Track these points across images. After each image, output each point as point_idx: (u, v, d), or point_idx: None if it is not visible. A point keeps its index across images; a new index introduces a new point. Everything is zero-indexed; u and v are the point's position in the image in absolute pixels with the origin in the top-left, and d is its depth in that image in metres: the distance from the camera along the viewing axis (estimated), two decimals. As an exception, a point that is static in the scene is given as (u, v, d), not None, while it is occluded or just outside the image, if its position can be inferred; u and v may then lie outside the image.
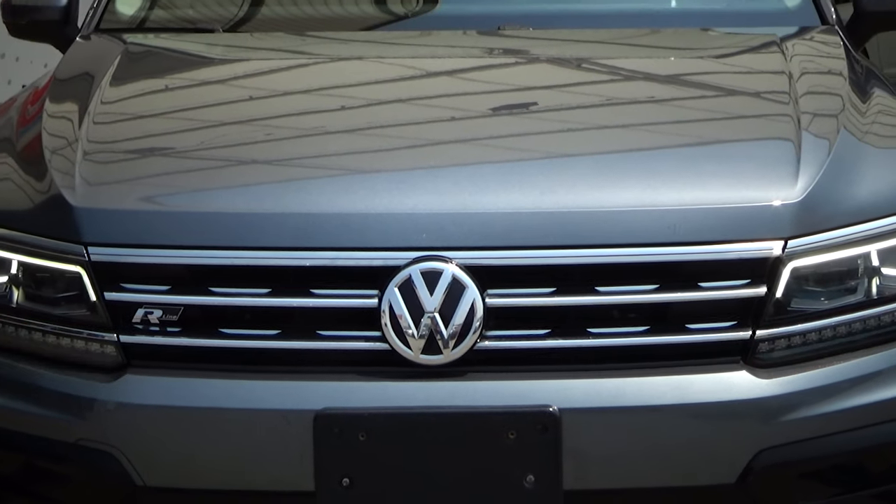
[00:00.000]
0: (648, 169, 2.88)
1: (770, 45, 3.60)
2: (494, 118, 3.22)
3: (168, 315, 2.63)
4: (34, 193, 2.83)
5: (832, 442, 2.63)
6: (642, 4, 4.00)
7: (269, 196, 2.78)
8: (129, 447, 2.59)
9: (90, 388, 2.64)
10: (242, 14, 4.03)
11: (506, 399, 2.55)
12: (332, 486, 2.54)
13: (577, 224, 2.63)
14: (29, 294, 2.73)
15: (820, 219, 2.69)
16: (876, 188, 2.81)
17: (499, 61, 3.70)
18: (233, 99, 3.48)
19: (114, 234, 2.68)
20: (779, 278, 2.63)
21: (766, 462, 2.58)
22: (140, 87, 3.46)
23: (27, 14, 3.95)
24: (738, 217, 2.66)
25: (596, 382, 2.57)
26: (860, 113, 3.07)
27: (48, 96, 3.27)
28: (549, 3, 4.00)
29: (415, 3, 4.05)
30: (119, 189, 2.84)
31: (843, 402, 2.64)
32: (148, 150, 3.10)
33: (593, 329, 2.60)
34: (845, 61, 3.40)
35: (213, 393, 2.59)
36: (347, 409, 2.55)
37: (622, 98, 3.42)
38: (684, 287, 2.61)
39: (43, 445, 2.67)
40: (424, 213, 2.65)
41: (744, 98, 3.36)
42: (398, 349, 2.57)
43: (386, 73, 3.63)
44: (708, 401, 2.58)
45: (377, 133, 3.11)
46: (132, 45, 3.74)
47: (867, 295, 2.70)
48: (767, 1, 3.98)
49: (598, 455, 2.55)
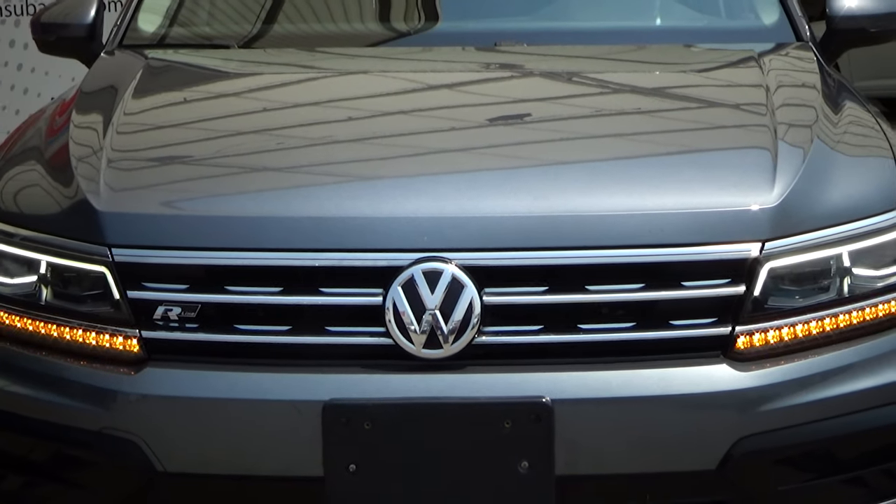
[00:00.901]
0: (635, 175, 2.89)
1: (748, 60, 3.60)
2: (491, 128, 3.21)
3: (186, 312, 2.63)
4: (61, 198, 2.83)
5: (805, 431, 2.63)
6: (629, 22, 4.00)
7: (280, 201, 2.79)
8: (150, 435, 2.59)
9: (114, 381, 2.64)
10: (256, 31, 4.03)
11: (502, 390, 2.55)
12: (340, 471, 2.54)
13: (568, 227, 2.63)
14: (56, 292, 2.73)
15: (795, 222, 2.69)
16: (847, 194, 2.81)
17: (495, 75, 3.70)
18: (247, 110, 3.47)
19: (136, 236, 2.68)
20: (756, 278, 2.63)
21: (744, 449, 2.57)
22: (160, 99, 3.46)
23: (55, 31, 3.95)
24: (718, 220, 2.66)
25: (586, 375, 2.57)
26: (832, 123, 3.07)
27: (75, 108, 3.27)
28: (542, 21, 4.00)
29: (417, 21, 4.04)
30: (141, 194, 2.85)
31: (815, 394, 2.64)
32: (168, 158, 3.11)
33: (583, 325, 2.60)
34: (818, 75, 3.40)
35: (229, 385, 2.59)
36: (354, 399, 2.55)
37: (610, 109, 3.42)
38: (668, 286, 2.61)
39: (70, 434, 2.67)
40: (426, 216, 2.65)
41: (724, 109, 3.35)
42: (401, 344, 2.57)
43: (390, 86, 3.63)
44: (690, 392, 2.58)
45: (381, 142, 3.11)
46: (153, 60, 3.74)
47: (839, 294, 2.70)
48: (746, 19, 3.98)
49: (587, 443, 2.55)
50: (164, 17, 4.04)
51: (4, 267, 2.80)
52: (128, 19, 3.98)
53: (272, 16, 4.09)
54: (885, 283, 2.74)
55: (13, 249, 2.80)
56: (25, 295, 2.76)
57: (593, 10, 4.08)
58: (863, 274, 2.72)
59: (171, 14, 4.06)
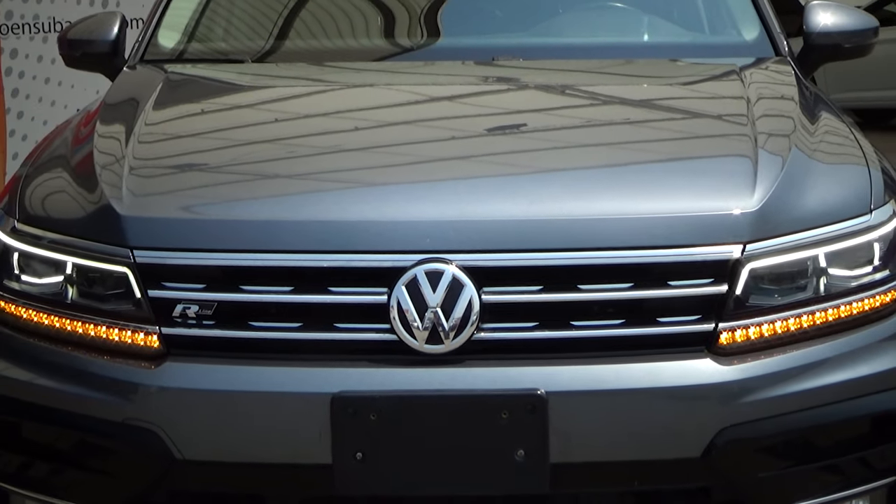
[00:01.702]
0: (624, 181, 2.89)
1: (730, 73, 3.60)
2: (489, 137, 3.21)
3: (203, 310, 2.63)
4: (86, 204, 2.83)
5: (784, 421, 2.63)
6: (618, 38, 4.00)
7: (291, 206, 2.79)
8: (170, 425, 2.59)
9: (135, 374, 2.64)
10: (269, 47, 4.03)
11: (499, 383, 2.55)
12: (347, 459, 2.54)
13: (562, 230, 2.63)
14: (82, 291, 2.73)
15: (774, 225, 2.69)
16: (823, 199, 2.81)
17: (493, 88, 3.70)
18: (260, 121, 3.48)
19: (156, 239, 2.69)
20: (738, 277, 2.63)
21: (727, 438, 2.57)
22: (179, 110, 3.46)
23: (81, 47, 3.95)
24: (702, 224, 2.66)
25: (578, 369, 2.57)
26: (809, 133, 3.07)
27: (99, 119, 3.27)
28: (536, 38, 4.00)
29: (420, 37, 4.05)
30: (161, 200, 2.85)
31: (793, 387, 2.63)
32: (186, 165, 3.11)
33: (576, 322, 2.59)
34: (796, 88, 3.40)
35: (243, 378, 2.59)
36: (360, 392, 2.55)
37: (601, 120, 3.42)
38: (655, 285, 2.61)
39: (94, 424, 2.66)
40: (428, 220, 2.66)
41: (707, 120, 3.36)
42: (405, 339, 2.56)
43: (394, 98, 3.63)
44: (676, 385, 2.58)
45: (386, 150, 3.11)
46: (172, 74, 3.74)
47: (815, 292, 2.70)
48: (728, 35, 3.98)
49: (580, 432, 2.55)
50: (183, 34, 4.05)
51: (33, 268, 2.80)
52: (149, 36, 3.98)
53: (284, 32, 4.10)
54: (858, 282, 2.74)
55: (41, 251, 2.80)
56: (52, 294, 2.76)
57: (585, 27, 4.09)
58: (838, 274, 2.72)
59: (190, 31, 4.07)
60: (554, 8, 4.13)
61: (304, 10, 4.19)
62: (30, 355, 2.77)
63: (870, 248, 2.77)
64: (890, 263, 2.79)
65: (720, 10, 4.06)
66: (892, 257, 2.80)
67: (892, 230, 2.82)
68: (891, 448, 2.75)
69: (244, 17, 4.19)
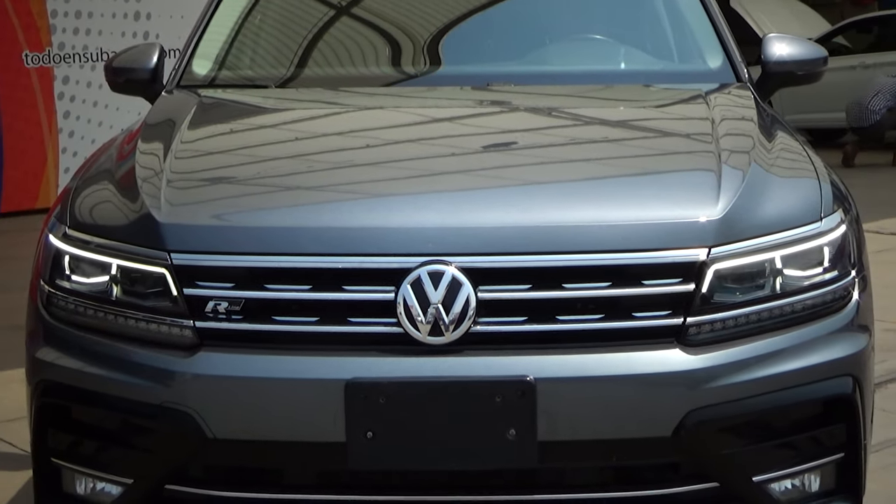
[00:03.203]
0: (603, 192, 2.89)
1: (697, 97, 3.60)
2: (484, 153, 3.21)
3: (232, 306, 2.62)
4: (129, 212, 2.82)
5: (745, 404, 2.62)
6: (598, 66, 3.99)
7: (310, 214, 2.79)
8: (203, 408, 2.59)
9: (172, 363, 2.63)
10: (290, 74, 4.03)
11: (493, 371, 2.55)
12: (359, 437, 2.54)
13: (548, 235, 2.63)
14: (125, 290, 2.73)
15: (736, 231, 2.68)
16: (779, 208, 2.80)
17: (487, 110, 3.69)
18: (282, 139, 3.47)
19: (191, 243, 2.68)
20: (704, 277, 2.62)
21: (694, 420, 2.57)
22: (211, 130, 3.46)
23: (124, 74, 3.95)
24: (672, 230, 2.66)
25: (563, 358, 2.57)
26: (767, 150, 3.06)
27: (140, 137, 3.26)
28: (526, 66, 3.99)
29: (423, 66, 4.04)
30: (195, 209, 2.85)
31: (753, 374, 2.63)
32: (217, 178, 3.11)
33: (561, 317, 2.59)
34: (755, 110, 3.39)
35: (268, 366, 2.59)
36: (371, 378, 2.54)
37: (583, 138, 3.41)
38: (631, 284, 2.60)
39: (136, 407, 2.66)
40: (430, 227, 2.65)
41: (676, 138, 3.35)
42: (410, 332, 2.56)
43: (400, 119, 3.63)
44: (649, 372, 2.57)
45: (393, 165, 3.11)
46: (205, 97, 3.74)
47: (772, 290, 2.69)
48: (695, 63, 3.97)
49: (564, 414, 2.54)
50: (214, 63, 4.04)
51: (82, 269, 2.80)
52: (184, 64, 3.98)
53: (303, 61, 4.10)
54: (810, 282, 2.74)
55: (89, 254, 2.79)
56: (99, 292, 2.76)
57: (569, 57, 4.08)
58: (792, 274, 2.72)
59: (220, 60, 4.06)
60: (541, 39, 4.12)
61: (322, 41, 4.18)
62: (79, 346, 2.76)
63: (820, 251, 2.77)
64: (838, 265, 2.78)
65: (688, 41, 4.05)
66: (840, 259, 2.79)
67: (840, 236, 2.81)
68: (839, 428, 2.75)
69: (268, 48, 4.19)
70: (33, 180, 10.15)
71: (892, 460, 4.06)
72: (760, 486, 2.68)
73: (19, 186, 10.04)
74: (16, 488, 3.94)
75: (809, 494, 2.75)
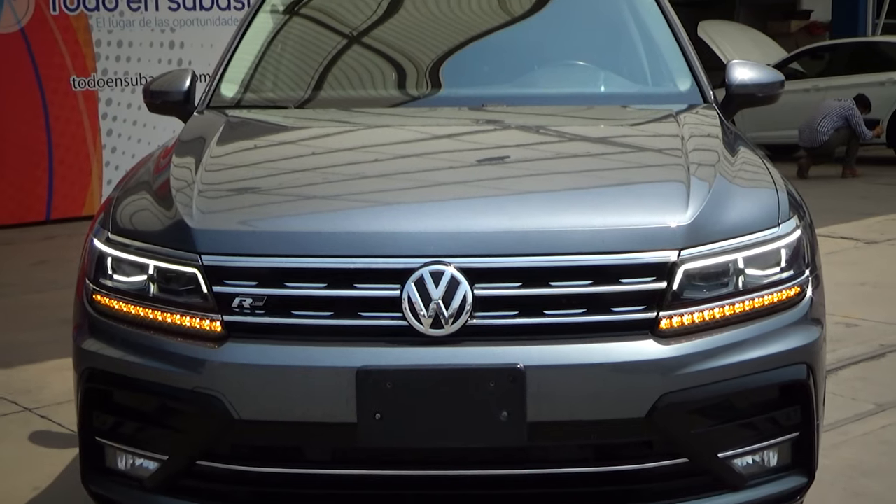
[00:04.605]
0: (585, 201, 2.88)
1: (668, 116, 3.59)
2: (479, 166, 3.21)
3: (256, 302, 2.62)
4: (164, 219, 2.82)
5: (711, 389, 2.62)
6: (581, 89, 3.99)
7: (325, 220, 2.78)
8: (230, 392, 2.59)
9: (203, 352, 2.63)
10: (307, 96, 4.02)
11: (487, 359, 2.55)
12: (369, 418, 2.53)
13: (537, 239, 2.63)
14: (160, 288, 2.72)
15: (703, 235, 2.68)
16: (741, 215, 2.80)
17: (482, 128, 3.69)
18: (300, 154, 3.47)
19: (219, 246, 2.68)
20: (675, 276, 2.62)
21: (666, 402, 2.56)
22: (237, 146, 3.46)
23: (160, 97, 3.95)
24: (646, 234, 2.65)
25: (550, 348, 2.56)
26: (730, 163, 3.06)
27: (174, 152, 3.26)
28: (517, 89, 3.99)
29: (425, 89, 4.04)
30: (223, 216, 2.84)
31: (718, 362, 2.63)
32: (243, 189, 3.10)
33: (547, 311, 2.58)
34: (720, 128, 3.39)
35: (287, 355, 2.58)
36: (379, 366, 2.54)
37: (567, 152, 3.41)
38: (609, 282, 2.60)
39: (170, 391, 2.66)
40: (432, 232, 2.65)
41: (650, 153, 3.35)
42: (413, 325, 2.56)
43: (405, 136, 3.63)
44: (626, 360, 2.57)
45: (399, 176, 3.10)
46: (232, 117, 3.74)
47: (735, 288, 2.69)
48: (666, 87, 3.97)
49: (551, 397, 2.54)
50: (240, 86, 4.04)
51: (122, 269, 2.80)
52: (213, 87, 3.98)
53: (319, 84, 4.09)
54: (769, 280, 2.74)
55: (129, 256, 2.79)
56: (138, 290, 2.76)
57: (555, 81, 4.08)
58: (753, 274, 2.72)
59: (245, 84, 4.06)
60: (530, 66, 4.12)
61: (335, 67, 4.18)
62: (120, 338, 2.76)
63: (778, 253, 2.77)
64: (794, 265, 2.78)
65: (660, 67, 4.05)
66: (796, 260, 2.79)
67: (795, 239, 2.81)
68: (794, 410, 2.75)
69: (288, 73, 4.18)
70: (80, 191, 10.16)
71: (842, 439, 4.07)
72: (725, 461, 2.68)
73: (67, 196, 10.06)
74: (64, 464, 3.94)
75: (768, 469, 2.75)
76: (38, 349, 5.47)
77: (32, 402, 4.68)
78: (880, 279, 6.93)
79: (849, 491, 3.61)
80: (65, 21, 9.89)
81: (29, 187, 9.84)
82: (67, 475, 3.82)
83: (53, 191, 9.98)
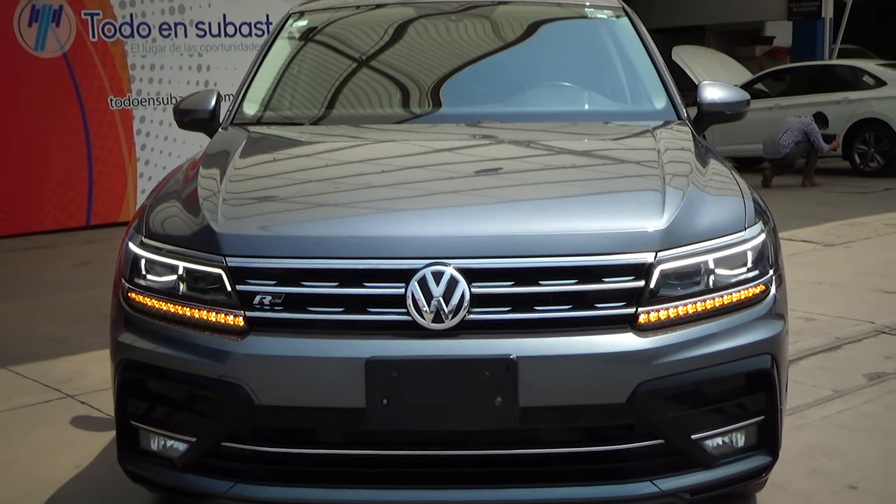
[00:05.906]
0: (571, 208, 2.88)
1: (646, 132, 3.59)
2: (476, 177, 3.20)
3: (275, 299, 2.62)
4: (192, 224, 2.82)
5: (685, 377, 2.62)
6: (567, 107, 3.99)
7: (337, 226, 2.77)
8: (251, 380, 2.58)
9: (227, 345, 2.63)
10: (321, 114, 4.02)
11: (483, 351, 2.54)
12: (376, 404, 2.53)
13: (528, 242, 2.62)
14: (189, 286, 2.72)
15: (677, 239, 2.68)
16: (711, 220, 2.80)
17: (478, 142, 3.69)
18: (315, 166, 3.46)
19: (242, 249, 2.67)
20: (652, 276, 2.62)
21: (644, 389, 2.56)
22: (258, 159, 3.45)
23: (189, 114, 3.95)
24: (626, 238, 2.65)
25: (540, 340, 2.56)
26: (702, 174, 3.06)
27: (201, 164, 3.26)
28: (510, 107, 3.99)
29: (427, 107, 4.04)
30: (246, 221, 2.83)
31: (691, 353, 2.63)
32: (263, 197, 3.10)
33: (538, 308, 2.58)
34: (692, 142, 3.39)
35: (303, 347, 2.58)
36: (386, 357, 2.53)
37: (555, 164, 3.41)
38: (593, 281, 2.59)
39: (198, 380, 2.66)
40: (433, 236, 2.64)
41: (630, 164, 3.34)
42: (417, 320, 2.56)
43: (409, 149, 3.63)
44: (608, 351, 2.57)
45: (403, 186, 3.10)
46: (253, 133, 3.74)
47: (706, 286, 2.69)
48: (644, 105, 3.97)
49: (540, 385, 2.53)
50: (261, 105, 4.04)
51: (155, 270, 2.80)
52: (236, 106, 3.98)
53: (332, 103, 4.09)
54: (736, 279, 2.74)
55: (161, 258, 2.79)
56: (168, 289, 2.76)
57: (544, 100, 4.08)
58: (722, 273, 2.71)
59: (265, 103, 4.06)
60: (522, 86, 4.12)
61: (346, 88, 4.18)
62: (153, 332, 2.76)
63: (745, 255, 2.76)
64: (759, 265, 2.78)
65: (638, 87, 4.05)
66: (761, 261, 2.79)
67: (761, 242, 2.81)
68: (760, 396, 2.74)
69: (303, 93, 4.18)
70: (116, 199, 10.16)
71: (803, 422, 4.06)
72: (697, 442, 2.68)
73: (105, 204, 10.07)
74: (102, 445, 3.94)
75: (736, 449, 2.75)
76: (78, 342, 5.47)
77: (74, 390, 4.68)
78: (836, 278, 6.93)
79: (809, 469, 3.61)
80: (103, 47, 9.91)
81: (71, 196, 9.86)
82: (105, 455, 3.82)
83: (93, 199, 10.00)
